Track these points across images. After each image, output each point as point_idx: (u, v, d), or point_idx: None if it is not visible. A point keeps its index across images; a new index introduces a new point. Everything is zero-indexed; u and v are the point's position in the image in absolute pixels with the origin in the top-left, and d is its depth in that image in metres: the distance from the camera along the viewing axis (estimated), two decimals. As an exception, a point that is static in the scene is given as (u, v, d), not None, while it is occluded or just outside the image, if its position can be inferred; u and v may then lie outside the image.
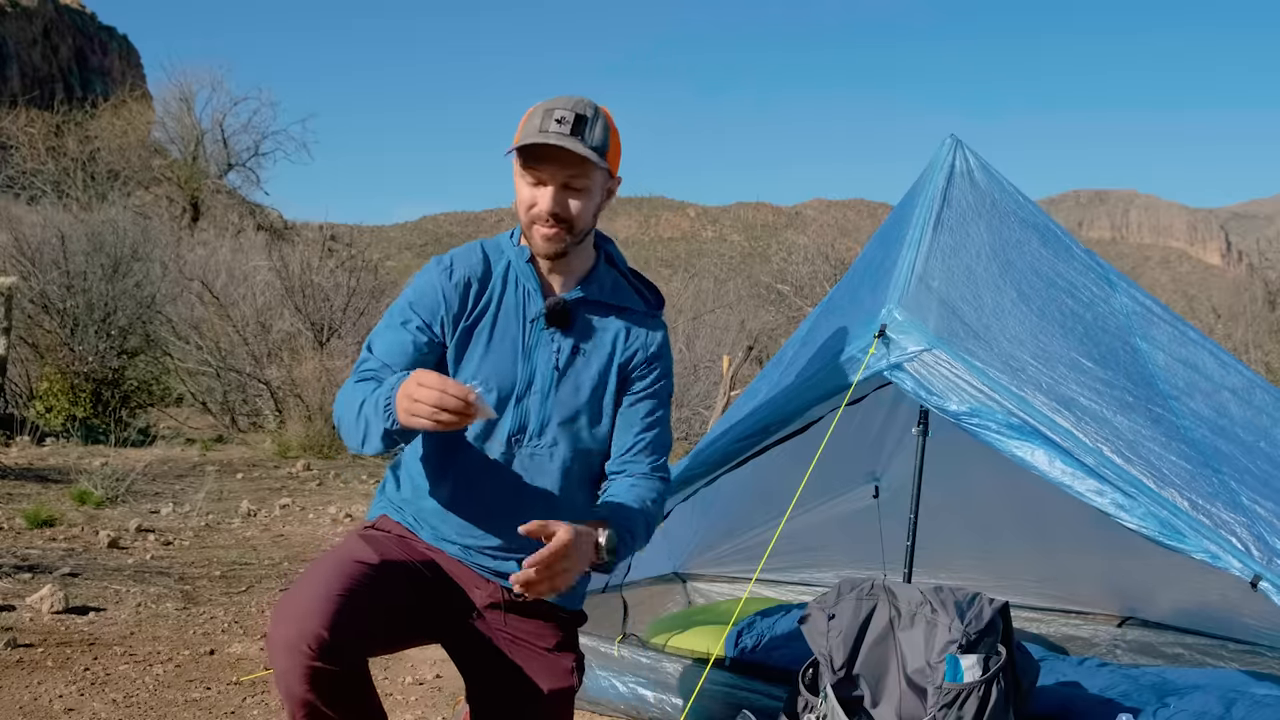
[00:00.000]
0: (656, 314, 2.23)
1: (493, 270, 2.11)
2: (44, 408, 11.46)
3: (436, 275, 2.09)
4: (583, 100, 1.99)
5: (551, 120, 1.94)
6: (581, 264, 2.14)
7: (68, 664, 3.58)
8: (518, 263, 2.12)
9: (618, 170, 2.09)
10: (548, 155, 1.97)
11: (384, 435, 1.88)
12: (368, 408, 1.91)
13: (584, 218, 2.03)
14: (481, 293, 2.09)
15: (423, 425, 1.75)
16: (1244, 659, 3.67)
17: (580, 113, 1.96)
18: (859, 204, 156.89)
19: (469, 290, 2.08)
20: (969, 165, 3.41)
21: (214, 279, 15.18)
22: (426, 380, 1.74)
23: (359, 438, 1.95)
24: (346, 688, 1.81)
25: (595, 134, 1.98)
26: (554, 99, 2.00)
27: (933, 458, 3.03)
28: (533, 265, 2.11)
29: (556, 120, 1.94)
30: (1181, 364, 3.19)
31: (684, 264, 66.37)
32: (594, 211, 2.06)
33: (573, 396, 2.09)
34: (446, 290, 2.06)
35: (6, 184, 23.55)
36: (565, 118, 1.94)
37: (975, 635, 2.28)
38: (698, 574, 4.66)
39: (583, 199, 2.01)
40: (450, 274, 2.08)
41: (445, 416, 1.73)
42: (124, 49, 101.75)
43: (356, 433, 1.95)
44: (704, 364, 17.59)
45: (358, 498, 8.60)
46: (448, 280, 2.07)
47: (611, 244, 2.24)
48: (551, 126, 1.94)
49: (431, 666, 3.79)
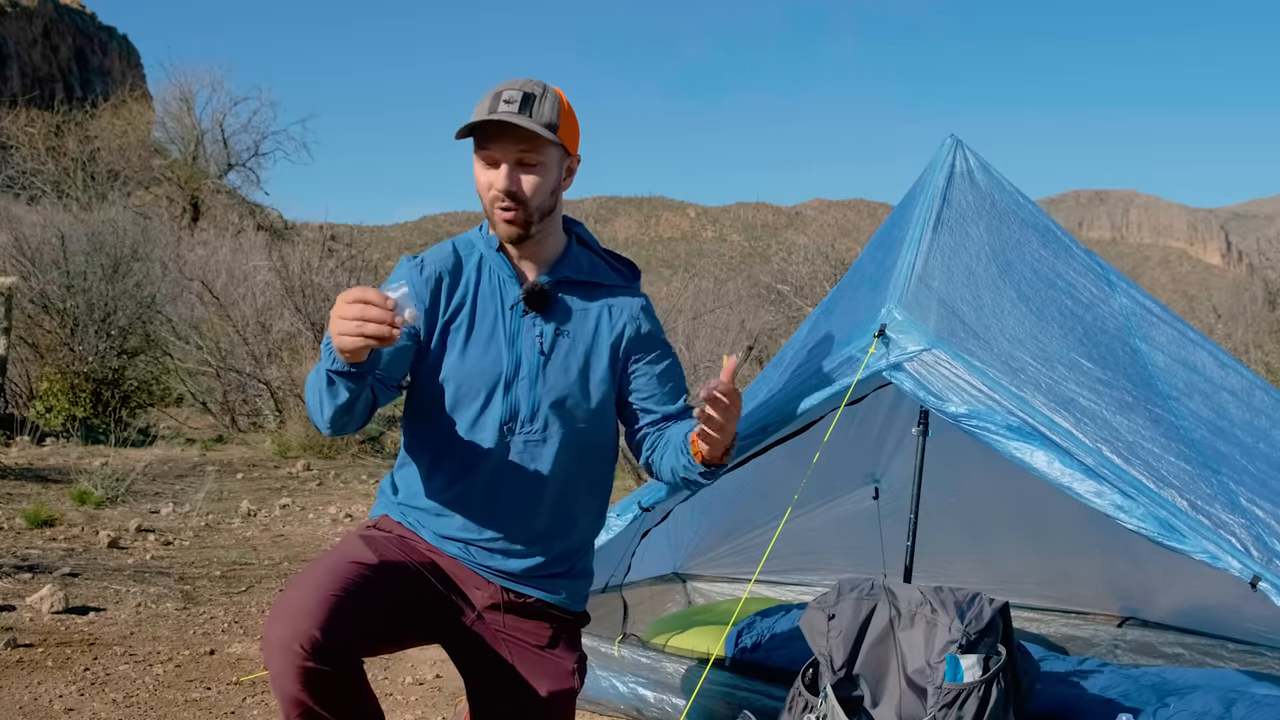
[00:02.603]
0: (634, 286, 2.26)
1: (464, 264, 2.13)
2: (44, 408, 11.45)
3: (408, 272, 2.10)
4: (531, 80, 2.02)
5: (500, 101, 1.97)
6: (552, 248, 2.16)
7: (68, 664, 3.58)
8: (489, 253, 2.13)
9: (576, 149, 2.11)
10: (497, 134, 1.99)
11: (329, 383, 1.85)
12: (317, 373, 1.90)
13: (540, 195, 2.04)
14: (455, 287, 2.10)
15: (355, 343, 1.72)
16: (1244, 659, 3.67)
17: (528, 91, 1.99)
18: (859, 204, 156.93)
19: (440, 285, 2.09)
20: (969, 165, 3.41)
21: (214, 279, 15.16)
22: (347, 296, 1.73)
23: (317, 402, 1.93)
24: (341, 688, 1.81)
25: (544, 110, 1.99)
26: (503, 83, 2.03)
27: (933, 458, 3.03)
28: (504, 254, 2.12)
29: (505, 101, 1.97)
30: (1181, 365, 3.19)
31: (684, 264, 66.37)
32: (551, 189, 2.07)
33: (561, 379, 2.10)
34: (418, 285, 2.07)
35: (6, 184, 23.53)
36: (513, 97, 1.97)
37: (975, 635, 2.28)
38: (698, 574, 4.66)
39: (537, 175, 2.03)
40: (421, 269, 2.09)
41: (371, 328, 1.70)
42: (124, 49, 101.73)
43: (315, 399, 1.94)
44: (704, 364, 17.56)
45: (358, 498, 8.60)
46: (419, 275, 2.08)
47: (581, 226, 2.26)
48: (500, 106, 1.97)
49: (431, 666, 3.79)
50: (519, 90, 1.98)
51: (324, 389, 1.88)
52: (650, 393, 2.20)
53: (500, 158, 2.01)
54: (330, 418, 1.92)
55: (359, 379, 1.85)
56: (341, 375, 1.83)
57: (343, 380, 1.84)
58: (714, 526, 4.44)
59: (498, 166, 2.01)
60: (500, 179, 2.01)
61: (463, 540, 2.10)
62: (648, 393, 2.20)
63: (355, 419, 1.97)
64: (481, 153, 2.02)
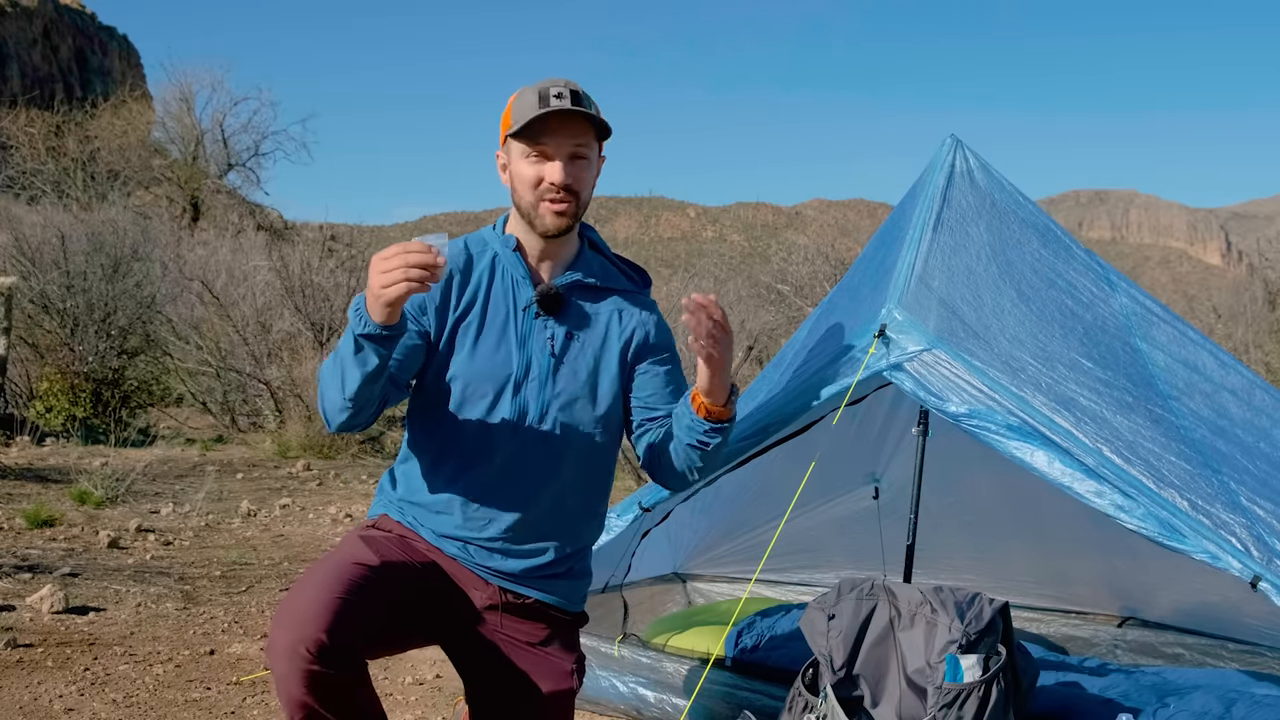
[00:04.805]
0: (645, 292, 2.27)
1: (476, 262, 2.13)
2: (44, 408, 11.45)
3: None
4: (569, 80, 2.05)
5: (550, 96, 2.00)
6: (568, 251, 2.17)
7: (68, 664, 3.58)
8: (504, 253, 2.14)
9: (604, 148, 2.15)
10: (553, 128, 2.01)
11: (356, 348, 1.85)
12: (342, 345, 1.90)
13: (589, 188, 2.11)
14: (465, 285, 2.10)
15: (399, 291, 1.75)
16: (1244, 659, 3.67)
17: (574, 89, 2.03)
18: (859, 204, 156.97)
19: (451, 282, 2.09)
20: (969, 165, 3.41)
21: (214, 279, 15.15)
22: (386, 252, 1.77)
23: (338, 382, 1.92)
24: (345, 691, 1.81)
25: (592, 105, 2.05)
26: (540, 82, 2.05)
27: (933, 458, 3.03)
28: (519, 254, 2.13)
29: (555, 95, 2.00)
30: (1181, 364, 3.18)
31: (684, 264, 66.30)
32: (592, 185, 2.13)
33: (571, 381, 2.10)
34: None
35: (6, 184, 23.53)
36: (563, 93, 2.00)
37: (975, 635, 2.28)
38: (698, 574, 4.65)
39: (587, 170, 2.08)
40: None
41: (416, 272, 1.74)
42: (124, 49, 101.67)
43: (335, 381, 1.93)
44: (704, 364, 17.52)
45: (358, 498, 8.60)
46: None
47: (593, 230, 2.27)
48: (553, 101, 1.99)
49: (431, 666, 3.79)
50: (565, 87, 2.01)
51: (349, 359, 1.88)
52: (653, 392, 2.21)
53: (555, 152, 2.03)
54: (354, 392, 1.90)
55: (390, 342, 1.86)
56: (372, 339, 1.84)
57: (372, 345, 1.85)
58: (714, 526, 4.43)
59: (551, 160, 2.04)
60: (557, 172, 2.03)
61: (461, 539, 2.10)
62: (651, 392, 2.21)
63: (371, 404, 1.96)
64: (535, 147, 2.03)
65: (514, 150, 2.07)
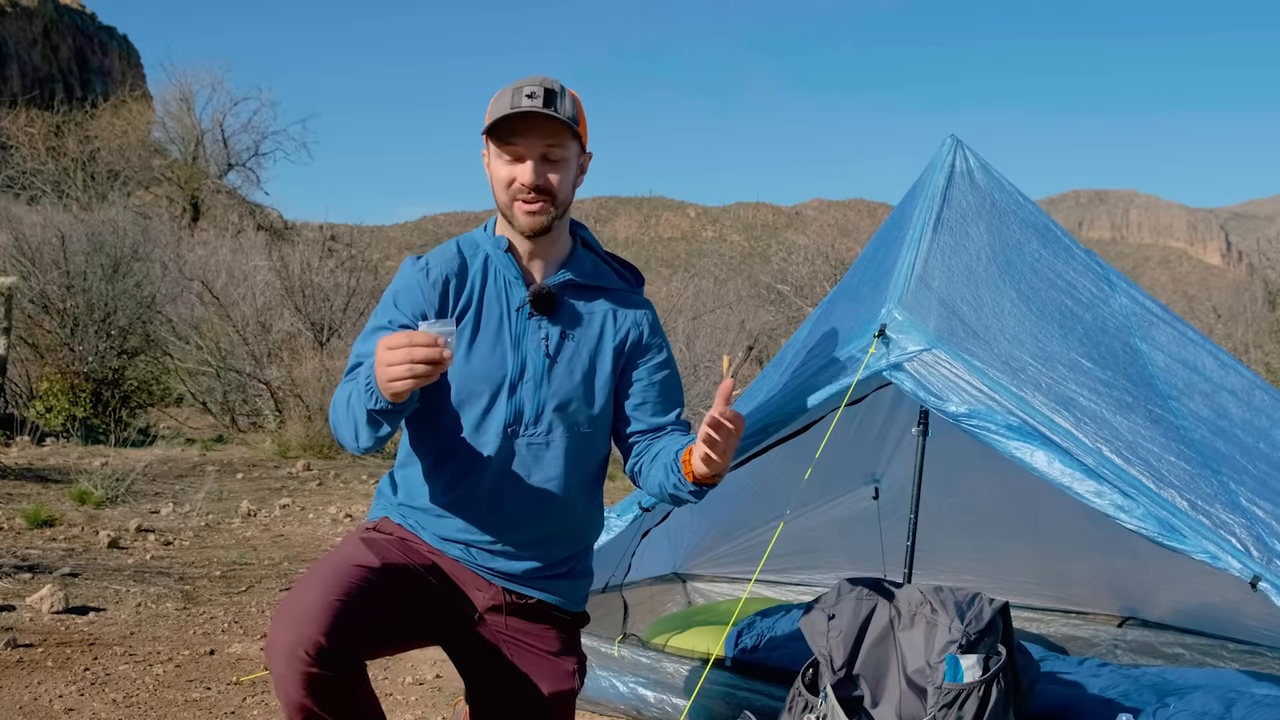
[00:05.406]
0: (638, 291, 2.27)
1: (469, 265, 2.13)
2: (44, 408, 11.45)
3: (414, 274, 2.10)
4: (548, 78, 2.04)
5: (523, 96, 1.99)
6: (559, 250, 2.17)
7: (68, 664, 3.58)
8: (495, 254, 2.13)
9: (587, 145, 2.14)
10: (524, 128, 2.00)
11: (370, 419, 1.89)
12: (354, 400, 1.92)
13: (564, 189, 2.08)
14: (460, 289, 2.10)
15: (404, 385, 1.75)
16: (1244, 659, 3.67)
17: (549, 87, 2.01)
18: (859, 204, 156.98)
19: (448, 287, 2.09)
20: (969, 165, 3.41)
21: (214, 279, 15.16)
22: (393, 342, 1.76)
23: (351, 432, 1.96)
24: (344, 692, 1.81)
25: (566, 105, 2.03)
26: (520, 80, 2.04)
27: (933, 458, 3.03)
28: (511, 255, 2.12)
29: (528, 95, 1.99)
30: (1181, 365, 3.19)
31: (684, 264, 66.35)
32: (571, 184, 2.11)
33: (566, 382, 2.10)
34: (425, 288, 2.07)
35: (6, 184, 23.53)
36: (535, 92, 1.99)
37: (975, 635, 2.28)
38: (698, 574, 4.66)
39: (561, 170, 2.06)
40: (427, 273, 2.09)
41: (421, 368, 1.74)
42: (124, 49, 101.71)
43: (349, 428, 1.96)
44: (704, 364, 17.56)
45: (358, 498, 8.60)
46: (425, 279, 2.08)
47: (585, 229, 2.27)
48: (524, 101, 1.99)
49: (431, 666, 3.80)
50: (540, 86, 2.00)
51: (362, 424, 1.92)
52: (643, 400, 2.20)
53: (527, 152, 2.02)
54: (368, 448, 1.97)
55: (402, 412, 1.90)
56: (383, 414, 1.87)
57: (386, 417, 1.89)
58: (714, 526, 4.44)
59: (523, 161, 2.03)
60: (527, 173, 2.02)
61: (464, 542, 2.10)
62: (641, 400, 2.19)
63: (388, 439, 2.00)
64: (506, 147, 2.03)
65: (490, 150, 2.07)
